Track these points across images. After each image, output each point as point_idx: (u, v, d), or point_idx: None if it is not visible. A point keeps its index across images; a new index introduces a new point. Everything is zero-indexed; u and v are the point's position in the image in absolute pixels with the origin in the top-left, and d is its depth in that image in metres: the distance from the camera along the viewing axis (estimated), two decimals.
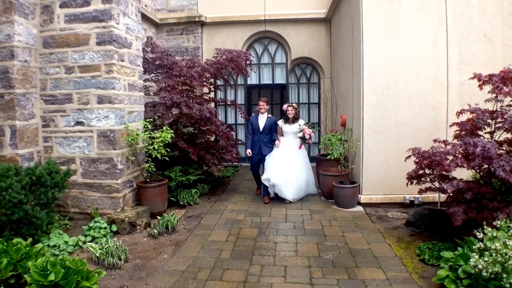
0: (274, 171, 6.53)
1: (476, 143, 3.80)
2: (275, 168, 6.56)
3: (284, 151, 6.77)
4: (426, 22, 5.82)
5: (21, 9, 4.93)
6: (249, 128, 7.08)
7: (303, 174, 6.80)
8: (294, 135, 6.86)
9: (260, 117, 6.95)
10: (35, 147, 5.32)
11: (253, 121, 6.98)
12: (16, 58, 4.91)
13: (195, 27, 9.37)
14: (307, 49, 9.53)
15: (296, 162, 6.74)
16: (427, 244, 4.43)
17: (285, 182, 6.52)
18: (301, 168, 6.81)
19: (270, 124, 6.92)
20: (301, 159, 6.91)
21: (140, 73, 6.11)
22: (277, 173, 6.50)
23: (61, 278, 3.20)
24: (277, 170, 6.53)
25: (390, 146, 6.06)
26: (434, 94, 5.90)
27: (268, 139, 6.98)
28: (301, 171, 6.80)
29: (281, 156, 6.70)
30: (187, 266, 4.15)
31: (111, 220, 5.09)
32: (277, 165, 6.58)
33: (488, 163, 3.82)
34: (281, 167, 6.57)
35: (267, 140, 6.95)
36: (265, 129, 6.88)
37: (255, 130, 6.94)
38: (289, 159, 6.67)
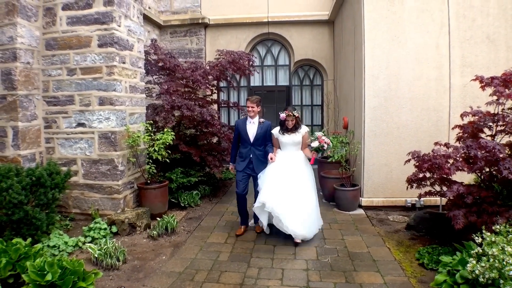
0: (272, 193, 4.79)
1: (483, 144, 3.75)
2: (272, 188, 4.82)
3: (283, 166, 5.00)
4: (429, 24, 5.78)
5: (24, 11, 4.99)
6: (234, 135, 5.35)
7: (312, 197, 5.04)
8: (294, 147, 5.15)
9: (250, 123, 5.16)
10: (37, 148, 5.37)
11: (241, 127, 5.21)
12: (19, 60, 4.97)
13: (199, 29, 9.40)
14: (310, 51, 9.51)
15: (303, 182, 5.00)
16: (427, 248, 4.39)
17: (289, 210, 4.77)
18: (310, 189, 5.05)
19: (264, 132, 5.17)
20: (309, 175, 5.13)
21: (142, 75, 6.15)
22: (276, 196, 4.77)
23: (57, 278, 3.23)
24: (276, 191, 4.80)
25: (391, 148, 6.02)
26: (437, 97, 5.86)
27: (263, 152, 5.20)
28: (310, 194, 5.03)
29: (280, 173, 4.94)
30: (184, 268, 4.16)
31: (111, 221, 5.12)
32: (276, 185, 4.85)
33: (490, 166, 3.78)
34: (281, 188, 4.84)
35: (260, 154, 5.17)
36: (258, 138, 5.14)
37: (244, 139, 5.20)
38: (292, 178, 4.94)
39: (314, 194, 5.10)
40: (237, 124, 5.33)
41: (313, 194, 5.05)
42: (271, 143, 5.27)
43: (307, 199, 4.94)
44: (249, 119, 5.17)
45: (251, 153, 5.17)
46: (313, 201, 5.03)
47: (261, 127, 5.17)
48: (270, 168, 5.06)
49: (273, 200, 4.74)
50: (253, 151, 5.17)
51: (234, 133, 5.37)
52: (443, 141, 4.76)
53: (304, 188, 4.97)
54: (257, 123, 5.16)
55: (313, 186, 5.15)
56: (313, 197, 5.05)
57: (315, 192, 5.14)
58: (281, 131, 5.17)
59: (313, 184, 5.16)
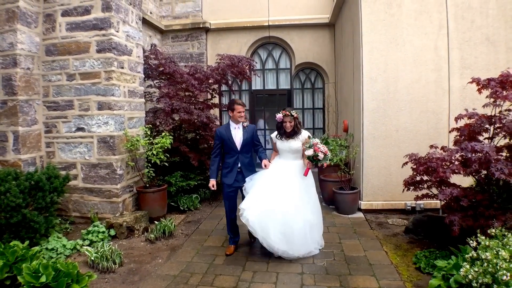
0: (254, 200, 4.24)
1: (473, 147, 3.73)
2: (257, 194, 4.28)
3: (275, 175, 4.44)
4: (427, 26, 5.75)
5: (24, 18, 5.08)
6: (215, 145, 4.66)
7: (305, 213, 4.35)
8: (292, 155, 4.59)
9: (235, 129, 4.61)
10: (38, 152, 5.45)
11: (224, 134, 4.59)
12: (19, 65, 5.06)
13: (200, 33, 9.46)
14: (311, 54, 9.51)
15: (295, 193, 4.36)
16: (424, 252, 4.35)
17: (268, 218, 4.18)
18: (303, 204, 4.37)
19: (251, 136, 4.66)
20: (305, 190, 4.48)
21: (141, 80, 6.20)
22: (257, 204, 4.20)
23: (51, 280, 3.28)
24: (260, 197, 4.25)
25: (390, 151, 5.99)
26: (436, 99, 5.82)
27: (250, 159, 4.71)
28: (303, 208, 4.34)
29: (269, 181, 4.37)
30: (179, 271, 4.17)
31: (110, 225, 5.16)
32: (262, 191, 4.30)
33: (485, 168, 3.74)
34: (267, 194, 4.27)
35: (248, 161, 4.66)
36: (245, 144, 4.61)
37: (229, 148, 4.60)
38: (283, 186, 4.34)
39: (312, 209, 4.48)
40: (219, 132, 4.63)
41: (307, 210, 4.40)
42: (261, 147, 4.80)
43: (298, 213, 4.28)
44: (233, 124, 4.64)
45: (238, 162, 4.60)
46: (307, 217, 4.36)
47: (247, 131, 4.66)
48: (261, 174, 4.49)
49: (252, 211, 4.17)
50: (241, 159, 4.60)
51: (215, 143, 4.67)
52: (443, 143, 4.75)
53: (298, 201, 4.32)
54: (242, 128, 4.65)
55: (311, 199, 4.54)
56: (307, 213, 4.38)
57: (315, 207, 4.57)
58: (278, 136, 4.67)
59: (312, 197, 4.55)
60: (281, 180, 4.39)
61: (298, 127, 4.59)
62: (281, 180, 4.39)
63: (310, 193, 4.55)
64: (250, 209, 4.18)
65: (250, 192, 4.34)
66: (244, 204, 4.24)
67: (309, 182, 4.56)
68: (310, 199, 4.52)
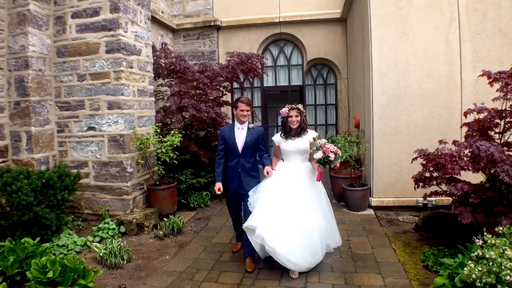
0: (264, 215, 3.80)
1: (479, 146, 3.62)
2: (265, 209, 3.84)
3: (283, 181, 4.03)
4: (437, 19, 5.60)
5: (35, 20, 5.22)
6: (219, 146, 4.41)
7: (319, 222, 3.95)
8: (300, 156, 4.19)
9: (238, 129, 4.30)
10: (51, 152, 5.61)
11: (227, 134, 4.32)
12: (31, 67, 5.21)
13: (211, 32, 9.51)
14: (323, 50, 9.42)
15: (308, 200, 3.98)
16: (432, 250, 4.26)
17: (283, 236, 3.74)
18: (316, 211, 3.99)
19: (255, 139, 4.28)
20: (317, 195, 4.14)
21: (151, 79, 6.29)
22: (269, 219, 3.78)
23: (58, 275, 3.38)
24: (272, 215, 3.81)
25: (401, 147, 5.88)
26: (448, 94, 5.67)
27: (253, 164, 4.34)
28: (316, 216, 3.95)
29: (279, 191, 3.96)
30: (186, 267, 4.23)
31: (120, 222, 5.27)
32: (272, 207, 3.86)
33: (492, 167, 3.63)
34: (277, 206, 3.87)
35: (250, 167, 4.30)
36: (248, 147, 4.26)
37: (231, 150, 4.31)
38: (294, 194, 3.95)
39: (324, 215, 4.10)
40: (223, 132, 4.37)
41: (320, 218, 4.00)
42: (267, 153, 4.36)
43: (313, 224, 3.87)
44: (237, 124, 4.31)
45: (239, 167, 4.27)
46: (321, 226, 3.97)
47: (251, 133, 4.27)
48: (267, 183, 4.07)
49: (266, 228, 3.72)
50: (241, 164, 4.26)
51: (219, 144, 4.41)
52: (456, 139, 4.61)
53: (311, 210, 3.93)
54: (246, 129, 4.30)
55: (323, 204, 4.18)
56: (321, 221, 3.99)
57: (327, 211, 4.22)
58: (283, 135, 4.26)
59: (323, 201, 4.19)
60: (291, 187, 3.97)
61: (305, 123, 4.26)
62: (290, 187, 3.98)
63: (322, 198, 4.20)
64: (262, 227, 3.71)
65: (257, 206, 3.89)
66: (253, 221, 3.77)
67: (319, 186, 4.21)
68: (322, 204, 4.16)
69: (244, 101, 4.26)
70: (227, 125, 4.59)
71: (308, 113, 9.99)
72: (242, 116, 4.25)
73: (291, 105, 4.22)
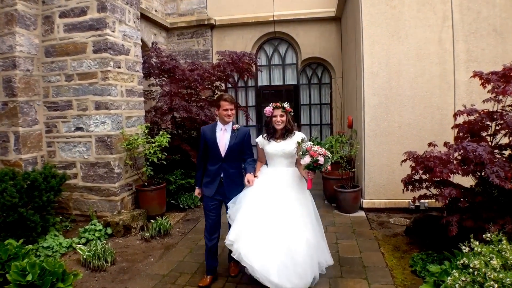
0: (243, 229, 3.41)
1: (465, 147, 3.54)
2: (245, 222, 3.43)
3: (266, 190, 3.59)
4: (430, 18, 5.52)
5: (22, 20, 5.18)
6: (200, 148, 3.98)
7: (307, 237, 3.48)
8: (286, 160, 3.73)
9: (221, 130, 3.82)
10: (39, 152, 5.57)
11: (208, 135, 3.84)
12: (18, 67, 5.17)
13: (205, 30, 9.43)
14: (317, 49, 9.33)
15: (293, 210, 3.52)
16: (421, 255, 4.18)
17: (263, 253, 3.32)
18: (304, 223, 3.54)
19: (240, 142, 3.81)
20: (304, 204, 3.67)
21: (140, 79, 6.23)
22: (249, 233, 3.38)
23: (37, 278, 3.34)
24: (250, 226, 3.41)
25: (393, 148, 5.81)
26: (440, 94, 5.59)
27: (237, 170, 3.90)
28: (304, 231, 3.49)
29: (260, 200, 3.53)
30: (169, 271, 4.18)
31: (107, 223, 5.23)
32: (251, 218, 3.45)
33: (481, 169, 3.55)
34: (259, 217, 3.45)
35: (235, 173, 3.85)
36: (232, 151, 3.78)
37: (213, 153, 3.82)
38: (278, 204, 3.52)
39: (313, 227, 3.62)
40: (203, 132, 3.89)
41: (310, 231, 3.54)
42: (251, 158, 3.92)
43: (299, 238, 3.41)
44: (220, 125, 3.83)
45: (221, 172, 3.78)
46: (311, 241, 3.49)
47: (236, 135, 3.79)
48: (248, 192, 3.64)
49: (244, 243, 3.33)
50: (224, 169, 3.78)
51: (200, 145, 3.96)
52: (449, 140, 4.53)
53: (299, 222, 3.49)
54: (230, 131, 3.81)
55: (311, 215, 3.69)
56: (311, 235, 3.52)
57: (316, 223, 3.72)
58: (267, 137, 3.79)
59: (311, 212, 3.71)
60: (275, 196, 3.55)
61: (291, 124, 3.77)
62: (274, 195, 3.55)
63: (309, 207, 3.72)
64: (241, 241, 3.33)
65: (237, 218, 3.48)
66: (232, 235, 3.39)
67: (307, 194, 3.75)
68: (310, 216, 3.69)
69: (227, 99, 3.76)
70: (208, 125, 4.05)
71: (303, 112, 9.92)
72: (226, 116, 3.74)
73: (275, 103, 3.74)
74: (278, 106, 3.69)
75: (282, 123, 3.69)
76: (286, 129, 3.74)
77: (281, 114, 3.68)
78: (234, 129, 3.82)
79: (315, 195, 7.10)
